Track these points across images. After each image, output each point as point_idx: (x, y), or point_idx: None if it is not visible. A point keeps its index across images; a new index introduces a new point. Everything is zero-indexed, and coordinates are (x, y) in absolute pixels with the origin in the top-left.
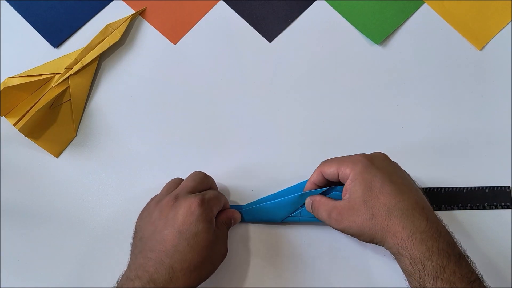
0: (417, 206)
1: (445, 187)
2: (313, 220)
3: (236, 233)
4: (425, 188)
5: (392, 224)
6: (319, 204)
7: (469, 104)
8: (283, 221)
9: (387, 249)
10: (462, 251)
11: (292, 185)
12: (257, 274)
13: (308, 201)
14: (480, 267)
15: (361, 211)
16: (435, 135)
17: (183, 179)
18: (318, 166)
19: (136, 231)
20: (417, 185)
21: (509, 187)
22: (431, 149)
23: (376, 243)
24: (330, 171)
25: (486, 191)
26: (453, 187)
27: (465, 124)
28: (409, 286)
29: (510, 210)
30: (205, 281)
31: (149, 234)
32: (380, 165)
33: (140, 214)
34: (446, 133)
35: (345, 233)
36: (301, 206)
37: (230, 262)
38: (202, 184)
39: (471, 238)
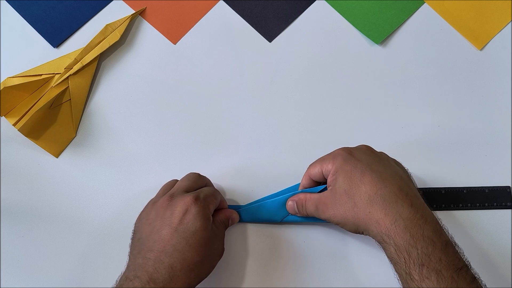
0: (400, 192)
1: (445, 187)
2: (313, 220)
3: (236, 233)
4: (425, 188)
5: (374, 211)
6: (306, 200)
7: (469, 104)
8: (283, 221)
9: (372, 237)
10: (449, 238)
11: (292, 185)
12: (257, 274)
13: (290, 204)
14: (480, 267)
15: (343, 200)
16: (435, 135)
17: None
18: (306, 171)
19: (134, 232)
20: (406, 173)
21: (509, 187)
22: (431, 149)
23: (362, 233)
24: (315, 172)
25: (486, 191)
26: (453, 187)
27: (465, 124)
28: (395, 273)
29: (510, 210)
30: (204, 280)
31: (147, 234)
32: (360, 156)
33: (138, 216)
34: (446, 133)
35: (331, 222)
36: None
37: (230, 262)
38: (197, 184)
39: (471, 238)
